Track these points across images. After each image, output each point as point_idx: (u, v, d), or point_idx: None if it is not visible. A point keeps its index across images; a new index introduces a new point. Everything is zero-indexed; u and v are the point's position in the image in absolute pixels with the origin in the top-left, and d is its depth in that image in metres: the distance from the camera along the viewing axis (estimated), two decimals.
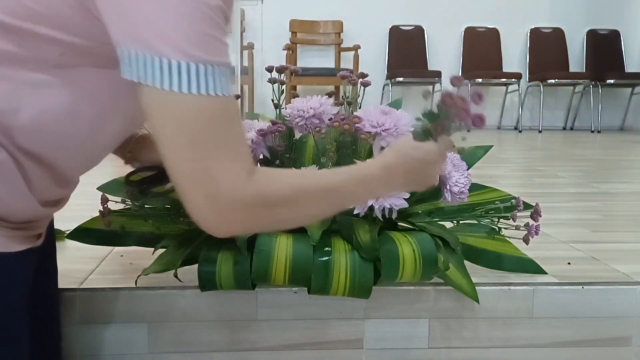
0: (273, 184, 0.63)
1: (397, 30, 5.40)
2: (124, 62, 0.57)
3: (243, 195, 0.60)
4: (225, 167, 0.59)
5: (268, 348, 0.98)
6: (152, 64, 0.55)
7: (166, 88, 0.55)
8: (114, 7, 0.57)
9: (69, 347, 0.95)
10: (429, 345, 1.01)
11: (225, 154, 0.59)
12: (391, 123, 0.93)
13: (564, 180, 2.37)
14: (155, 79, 0.56)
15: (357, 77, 1.02)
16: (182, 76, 0.55)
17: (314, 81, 4.53)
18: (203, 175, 0.58)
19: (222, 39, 0.58)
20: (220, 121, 0.59)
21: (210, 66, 0.56)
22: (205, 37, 0.56)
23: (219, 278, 0.91)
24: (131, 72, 0.57)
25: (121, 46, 0.57)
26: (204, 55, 0.56)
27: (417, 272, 0.92)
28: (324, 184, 0.67)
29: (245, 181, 0.60)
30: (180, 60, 0.55)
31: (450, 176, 0.95)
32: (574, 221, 1.59)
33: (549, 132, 5.26)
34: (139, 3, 0.55)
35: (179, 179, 0.59)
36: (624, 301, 1.02)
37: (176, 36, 0.55)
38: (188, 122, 0.57)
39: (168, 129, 0.58)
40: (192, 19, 0.55)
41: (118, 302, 0.96)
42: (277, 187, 0.63)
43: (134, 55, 0.56)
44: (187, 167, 0.58)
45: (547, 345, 1.02)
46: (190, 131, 0.57)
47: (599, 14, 5.60)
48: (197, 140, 0.58)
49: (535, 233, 1.00)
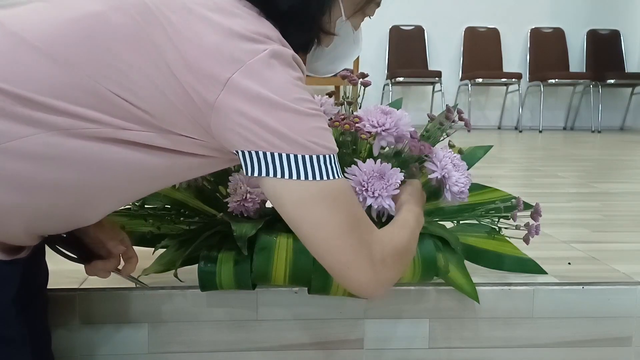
0: (397, 238, 0.75)
1: (397, 30, 5.40)
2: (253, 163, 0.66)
3: (389, 255, 0.71)
4: (370, 233, 0.70)
5: (268, 348, 0.98)
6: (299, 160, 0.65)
7: (316, 178, 0.65)
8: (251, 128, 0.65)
9: (69, 347, 0.95)
10: (429, 346, 1.01)
11: (365, 222, 0.70)
12: (391, 123, 0.93)
13: (564, 180, 2.37)
14: (301, 173, 0.65)
15: (357, 77, 1.02)
16: (323, 166, 0.66)
17: (314, 81, 4.52)
18: (361, 246, 0.68)
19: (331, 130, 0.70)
20: (353, 195, 0.72)
21: (334, 154, 0.68)
22: (325, 131, 0.68)
23: (219, 278, 0.91)
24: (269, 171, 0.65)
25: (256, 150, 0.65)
26: (331, 145, 0.67)
27: (416, 273, 0.92)
28: (408, 226, 0.80)
29: (385, 242, 0.71)
30: (320, 154, 0.66)
31: (450, 176, 0.94)
32: (574, 221, 1.59)
33: (549, 132, 5.26)
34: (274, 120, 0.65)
35: (341, 257, 0.67)
36: (624, 301, 1.02)
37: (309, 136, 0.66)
38: (337, 202, 0.67)
39: (322, 214, 0.66)
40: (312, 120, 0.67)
41: (118, 302, 0.96)
42: (400, 239, 0.75)
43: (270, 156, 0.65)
44: (347, 243, 0.67)
45: (547, 345, 1.02)
46: (341, 210, 0.67)
47: (599, 14, 5.61)
48: (349, 216, 0.67)
49: (535, 233, 1.00)
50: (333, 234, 0.66)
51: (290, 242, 0.90)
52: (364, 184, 0.88)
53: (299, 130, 0.65)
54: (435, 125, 1.09)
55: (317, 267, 0.89)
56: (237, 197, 0.93)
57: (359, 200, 0.86)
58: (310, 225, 0.67)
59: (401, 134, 0.95)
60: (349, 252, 0.67)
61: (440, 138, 1.08)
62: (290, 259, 0.89)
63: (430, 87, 5.38)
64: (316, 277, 0.89)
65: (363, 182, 0.89)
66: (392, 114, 0.95)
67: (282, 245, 0.90)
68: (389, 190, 0.88)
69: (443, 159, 0.95)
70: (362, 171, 0.89)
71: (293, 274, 0.89)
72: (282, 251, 0.89)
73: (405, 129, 0.95)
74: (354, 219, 0.68)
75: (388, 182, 0.89)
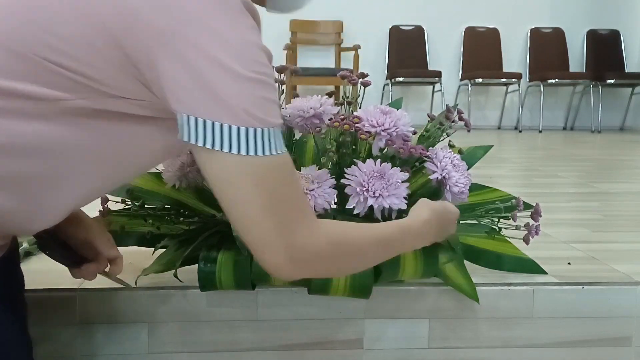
0: (342, 234, 0.69)
1: (397, 30, 5.40)
2: (186, 128, 0.59)
3: (318, 246, 0.65)
4: (300, 219, 0.64)
5: (268, 348, 0.98)
6: (226, 130, 0.59)
7: (243, 153, 0.59)
8: (177, 80, 0.59)
9: (69, 347, 0.95)
10: (429, 346, 1.01)
11: (297, 206, 0.64)
12: (391, 123, 0.93)
13: (564, 180, 2.37)
14: (232, 145, 0.59)
15: (357, 77, 1.02)
16: (257, 141, 0.60)
17: (314, 81, 4.53)
18: (282, 228, 0.62)
19: (277, 99, 0.64)
20: (288, 176, 0.64)
21: (272, 128, 0.61)
22: (266, 102, 0.61)
23: (219, 278, 0.91)
24: (197, 139, 0.59)
25: (186, 113, 0.59)
26: (270, 119, 0.61)
27: (418, 269, 0.92)
28: (378, 234, 0.74)
29: (319, 232, 0.65)
30: (254, 127, 0.59)
31: (450, 176, 0.94)
32: (574, 221, 1.59)
33: (549, 132, 5.26)
34: (207, 76, 0.58)
35: (259, 236, 0.63)
36: (624, 301, 1.02)
37: (245, 104, 0.59)
38: (264, 181, 0.61)
39: (244, 191, 0.61)
40: (254, 87, 0.60)
41: (118, 302, 0.96)
42: (346, 237, 0.69)
43: (202, 123, 0.59)
44: (267, 224, 0.62)
45: (547, 345, 1.02)
46: (267, 189, 0.61)
47: (599, 14, 5.60)
48: (274, 196, 0.62)
49: (535, 233, 1.00)
50: (252, 213, 0.62)
51: None
52: (364, 184, 0.88)
53: (236, 97, 0.59)
54: (435, 125, 1.09)
55: None
56: None
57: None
58: (231, 201, 0.62)
59: (400, 134, 0.95)
60: (266, 233, 0.62)
61: (440, 138, 1.08)
62: None
63: (430, 87, 5.38)
64: None
65: (363, 182, 0.89)
66: (391, 114, 0.95)
67: None
68: (389, 190, 0.88)
69: (443, 159, 0.95)
70: (362, 171, 0.89)
71: None
72: None
73: (404, 129, 0.95)
74: (281, 199, 0.62)
75: (388, 182, 0.89)
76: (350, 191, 0.90)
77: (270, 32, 5.46)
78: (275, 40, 5.05)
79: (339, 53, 5.21)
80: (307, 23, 5.17)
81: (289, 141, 1.05)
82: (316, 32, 5.23)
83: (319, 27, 5.22)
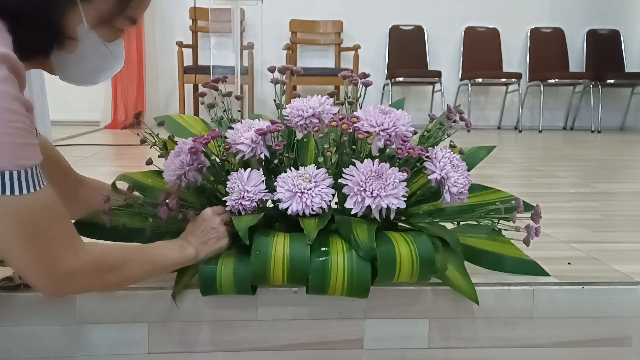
0: (104, 254, 0.77)
1: (397, 30, 5.39)
2: None
3: (80, 267, 0.73)
4: (63, 242, 0.71)
5: (268, 348, 0.98)
6: None
7: None
8: None
9: (69, 347, 0.95)
10: (429, 346, 1.01)
11: (60, 231, 0.71)
12: (390, 123, 0.93)
13: (564, 180, 2.37)
14: None
15: (358, 77, 1.02)
16: (13, 181, 0.65)
17: (314, 81, 4.52)
18: (44, 257, 0.70)
19: (33, 141, 0.68)
20: (48, 209, 0.70)
21: (30, 169, 0.67)
22: (22, 146, 0.66)
23: (219, 283, 0.91)
24: None
25: None
26: (26, 162, 0.66)
27: (415, 273, 0.92)
28: (142, 249, 0.85)
29: (84, 252, 0.73)
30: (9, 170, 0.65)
31: (449, 176, 0.94)
32: (574, 221, 1.59)
33: (549, 132, 5.26)
34: None
35: (23, 266, 0.70)
36: (624, 301, 1.02)
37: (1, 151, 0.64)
38: (22, 217, 0.67)
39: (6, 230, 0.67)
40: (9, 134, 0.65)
41: (118, 302, 0.96)
42: (108, 257, 0.78)
43: None
44: (28, 256, 0.69)
45: (547, 345, 1.02)
46: (26, 225, 0.67)
47: (599, 14, 5.60)
48: (34, 228, 0.68)
49: (535, 235, 0.99)
50: (12, 248, 0.68)
51: (287, 241, 0.90)
52: (361, 184, 0.88)
53: None
54: (435, 126, 1.09)
55: (315, 267, 0.89)
56: (234, 195, 0.93)
57: None
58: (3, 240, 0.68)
59: (399, 134, 0.95)
60: (28, 264, 0.70)
61: (441, 138, 1.08)
62: (287, 259, 0.89)
63: (430, 87, 5.38)
64: (314, 276, 0.89)
65: (361, 182, 0.88)
66: (390, 114, 0.95)
67: (278, 245, 0.90)
68: (387, 190, 0.88)
69: (442, 159, 0.95)
70: (360, 171, 0.89)
71: (291, 273, 0.89)
72: (279, 251, 0.89)
73: (404, 129, 0.95)
74: (41, 229, 0.69)
75: (386, 182, 0.89)
76: (348, 191, 0.90)
77: (270, 32, 5.46)
78: (275, 40, 5.05)
79: (339, 53, 5.20)
80: (307, 23, 5.17)
81: (289, 141, 1.05)
82: (316, 32, 5.22)
83: (319, 27, 5.22)
